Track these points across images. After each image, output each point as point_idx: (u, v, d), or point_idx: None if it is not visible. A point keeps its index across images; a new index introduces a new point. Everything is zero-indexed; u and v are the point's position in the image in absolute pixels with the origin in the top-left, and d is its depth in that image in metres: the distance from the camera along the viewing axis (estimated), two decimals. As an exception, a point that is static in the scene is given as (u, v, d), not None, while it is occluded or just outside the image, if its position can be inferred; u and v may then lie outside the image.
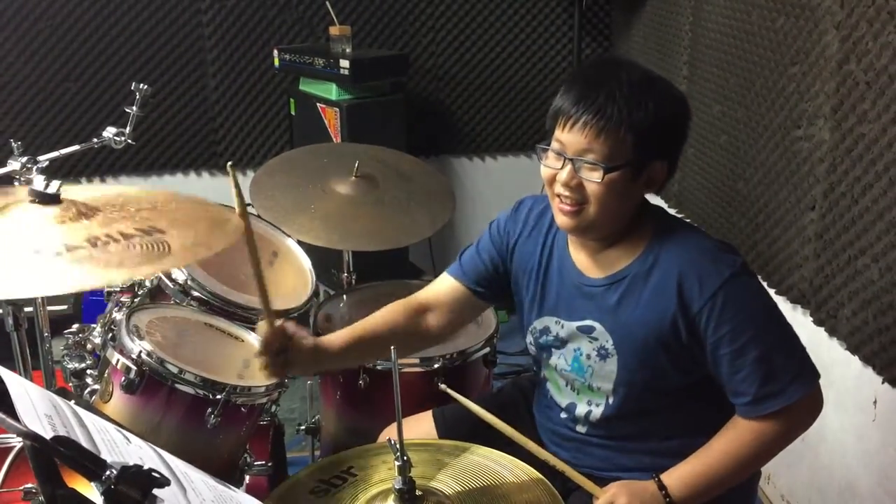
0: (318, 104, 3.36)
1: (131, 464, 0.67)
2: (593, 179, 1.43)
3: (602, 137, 1.41)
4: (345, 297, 2.39)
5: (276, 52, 3.49)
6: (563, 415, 1.66)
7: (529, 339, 1.68)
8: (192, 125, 3.69)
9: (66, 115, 3.54)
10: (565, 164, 1.46)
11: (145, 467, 0.68)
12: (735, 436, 1.48)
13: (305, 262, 2.08)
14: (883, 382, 2.07)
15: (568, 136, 1.45)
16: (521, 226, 1.67)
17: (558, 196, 1.49)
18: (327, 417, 2.26)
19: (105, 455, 0.75)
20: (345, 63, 3.18)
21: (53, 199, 1.16)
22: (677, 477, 1.48)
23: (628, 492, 1.46)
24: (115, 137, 1.96)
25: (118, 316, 1.59)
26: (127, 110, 1.96)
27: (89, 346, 1.79)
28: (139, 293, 1.83)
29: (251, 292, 1.93)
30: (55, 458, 0.65)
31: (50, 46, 3.45)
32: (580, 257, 1.59)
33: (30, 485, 1.50)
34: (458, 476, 1.19)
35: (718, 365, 1.47)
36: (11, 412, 0.73)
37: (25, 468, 1.67)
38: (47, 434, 0.68)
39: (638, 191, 1.50)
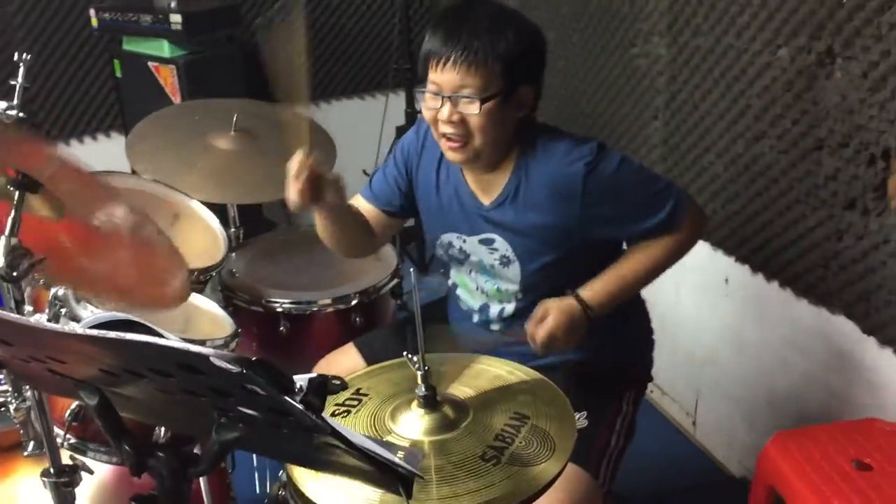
0: (149, 63, 3.23)
1: (310, 376, 0.74)
2: (472, 112, 1.56)
3: (473, 71, 1.54)
4: (235, 253, 2.40)
5: (92, 12, 3.30)
6: (477, 317, 1.82)
7: (439, 251, 1.83)
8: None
9: None
10: (444, 102, 1.58)
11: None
12: (644, 253, 1.69)
13: (212, 220, 2.08)
14: (735, 261, 2.39)
15: (442, 76, 1.56)
16: (420, 145, 1.81)
17: (444, 135, 1.62)
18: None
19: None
20: (176, 18, 3.09)
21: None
22: (594, 293, 1.65)
23: (557, 307, 1.62)
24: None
25: (61, 290, 1.55)
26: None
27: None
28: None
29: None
30: (253, 381, 0.69)
31: None
32: (471, 180, 1.74)
33: None
34: (467, 382, 1.31)
35: (618, 222, 1.67)
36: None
37: None
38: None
39: (511, 116, 1.63)
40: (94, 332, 0.68)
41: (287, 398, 0.70)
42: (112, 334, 0.67)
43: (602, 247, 1.74)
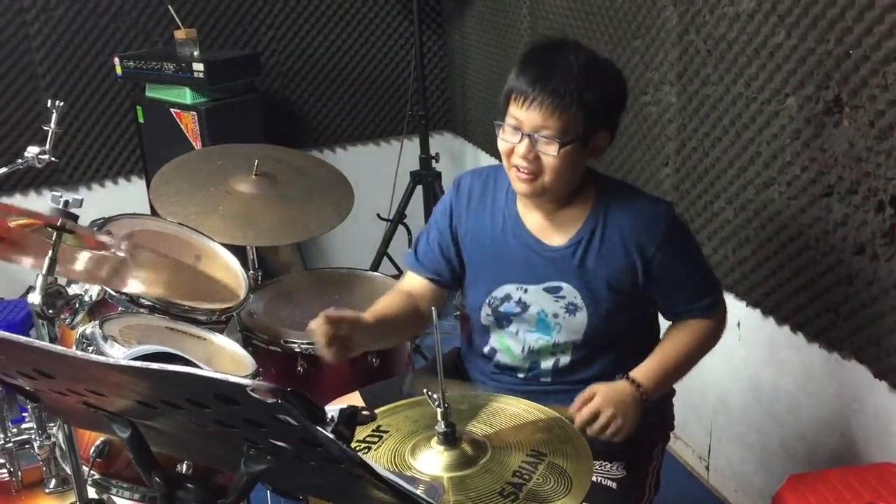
0: (171, 109, 3.32)
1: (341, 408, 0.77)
2: (549, 153, 1.58)
3: (557, 115, 1.56)
4: (253, 294, 2.44)
5: (117, 61, 3.41)
6: (522, 374, 1.80)
7: (486, 310, 1.78)
8: (28, 143, 3.52)
9: None
10: (522, 138, 1.60)
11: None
12: (687, 334, 1.75)
13: (232, 261, 2.12)
14: (747, 306, 2.42)
15: (525, 114, 1.58)
16: (466, 204, 1.81)
17: (515, 167, 1.64)
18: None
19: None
20: (198, 66, 3.18)
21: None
22: (645, 373, 1.68)
23: (610, 399, 1.60)
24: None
25: (88, 329, 1.59)
26: None
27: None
28: (77, 308, 1.81)
29: (191, 296, 1.96)
30: (287, 411, 0.72)
31: None
32: (533, 223, 1.74)
33: None
34: (485, 420, 1.34)
35: (674, 289, 1.72)
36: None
37: None
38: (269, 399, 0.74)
39: (585, 159, 1.67)
40: (139, 363, 0.71)
41: (319, 428, 0.73)
42: (155, 366, 0.71)
43: (649, 307, 1.80)
